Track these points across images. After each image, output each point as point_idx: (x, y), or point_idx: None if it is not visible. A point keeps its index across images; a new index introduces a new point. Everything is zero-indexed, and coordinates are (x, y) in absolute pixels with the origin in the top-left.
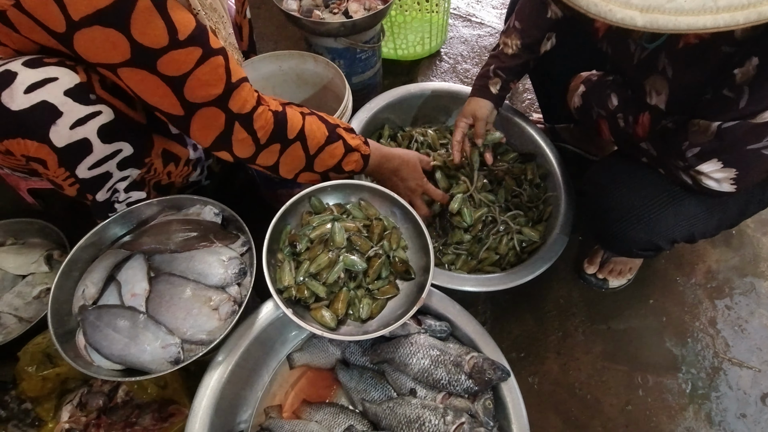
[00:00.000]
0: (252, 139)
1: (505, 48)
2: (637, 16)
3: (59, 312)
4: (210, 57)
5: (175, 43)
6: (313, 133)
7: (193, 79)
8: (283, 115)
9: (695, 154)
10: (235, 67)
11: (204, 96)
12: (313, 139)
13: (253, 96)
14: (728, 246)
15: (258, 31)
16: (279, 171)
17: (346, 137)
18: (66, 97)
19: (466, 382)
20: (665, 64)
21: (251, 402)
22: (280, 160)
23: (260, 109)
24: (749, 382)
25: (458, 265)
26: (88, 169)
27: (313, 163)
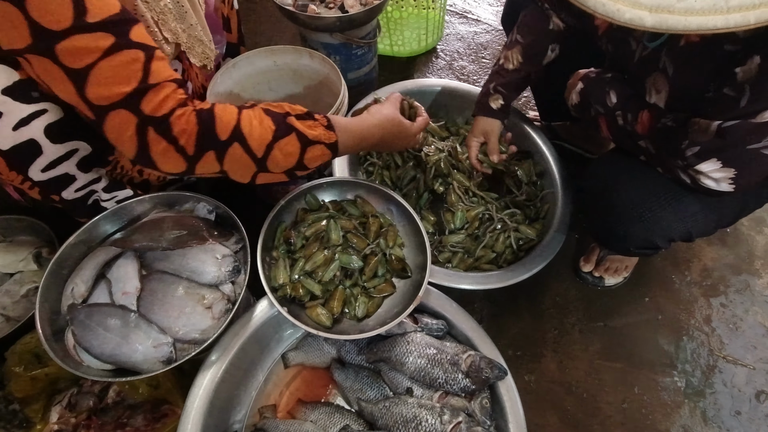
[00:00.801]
0: (175, 149)
1: (506, 63)
2: (646, 16)
3: (48, 311)
4: (124, 49)
5: (81, 26)
6: (254, 130)
7: (96, 73)
8: (209, 113)
9: (695, 153)
10: (160, 68)
11: (109, 96)
12: (254, 138)
13: (177, 98)
14: (723, 244)
15: (253, 27)
16: (231, 177)
17: (301, 128)
18: (5, 96)
19: (463, 381)
20: (666, 62)
21: (245, 402)
22: (225, 169)
23: (181, 110)
24: (744, 380)
25: (455, 263)
26: (42, 171)
27: (265, 165)
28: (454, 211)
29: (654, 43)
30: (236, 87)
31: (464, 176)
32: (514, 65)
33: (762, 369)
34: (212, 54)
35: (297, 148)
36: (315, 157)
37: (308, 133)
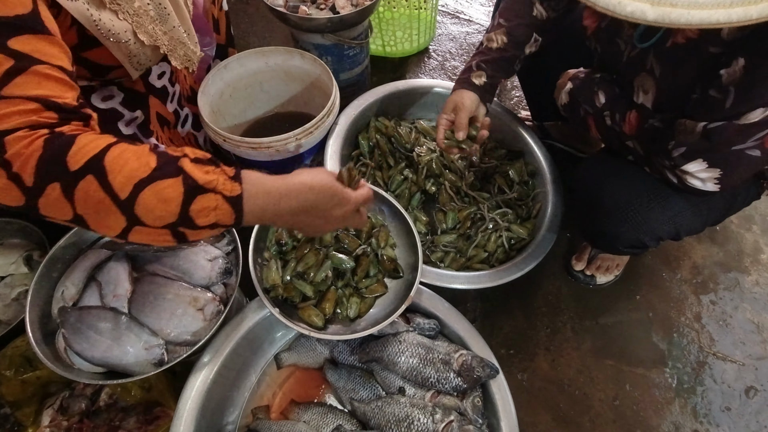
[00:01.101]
0: (7, 176)
1: (490, 43)
2: (648, 9)
3: (38, 314)
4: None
5: None
6: (124, 165)
7: None
8: (67, 139)
9: (681, 153)
10: (27, 84)
11: None
12: (120, 173)
13: (27, 119)
14: (713, 242)
15: (245, 28)
16: (92, 228)
17: (192, 170)
18: None
19: (455, 380)
20: (653, 63)
21: (238, 403)
22: (79, 212)
23: (25, 132)
24: (733, 376)
25: (447, 263)
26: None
27: (133, 212)
28: (446, 211)
29: (645, 44)
30: (227, 88)
31: (456, 176)
32: (499, 44)
33: (751, 365)
34: (195, 57)
35: (179, 193)
36: (205, 211)
37: (198, 177)
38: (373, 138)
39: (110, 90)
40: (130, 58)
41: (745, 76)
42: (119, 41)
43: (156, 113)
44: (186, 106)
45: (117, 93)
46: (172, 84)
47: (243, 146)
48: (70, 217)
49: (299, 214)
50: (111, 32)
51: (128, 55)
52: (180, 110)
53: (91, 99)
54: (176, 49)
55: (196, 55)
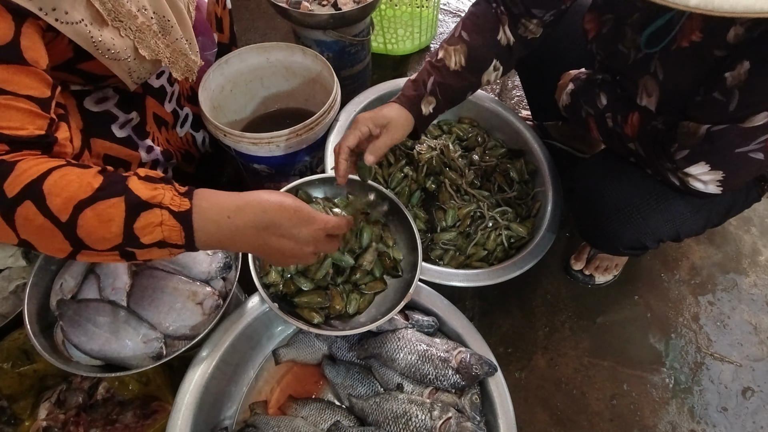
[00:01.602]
0: None
1: (447, 60)
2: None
3: (36, 307)
4: None
5: None
6: (64, 187)
7: None
8: (6, 167)
9: (684, 156)
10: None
11: None
12: (58, 196)
13: None
14: (711, 243)
15: (246, 24)
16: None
17: (137, 187)
18: None
19: (453, 377)
20: (657, 66)
21: (236, 398)
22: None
23: None
24: (730, 377)
25: (446, 261)
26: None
27: (76, 234)
28: (446, 209)
29: (653, 49)
30: (228, 84)
31: (456, 174)
32: (455, 66)
33: (748, 366)
34: (195, 66)
35: (121, 212)
36: (150, 227)
37: (143, 193)
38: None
39: (105, 92)
40: (130, 74)
41: (749, 80)
42: (118, 59)
43: (153, 114)
44: (186, 106)
45: (112, 95)
46: (170, 83)
47: (244, 141)
48: (16, 242)
49: (260, 232)
50: (111, 51)
51: (128, 72)
52: (179, 110)
53: (84, 102)
54: (178, 60)
55: (197, 64)
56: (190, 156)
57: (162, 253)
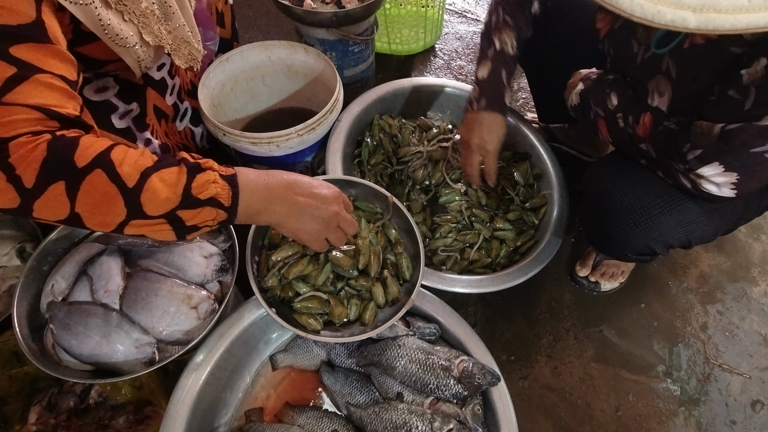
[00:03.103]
0: (6, 179)
1: (505, 47)
2: (689, 16)
3: (27, 308)
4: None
5: None
6: (129, 157)
7: None
8: (70, 140)
9: (696, 156)
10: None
11: None
12: (127, 164)
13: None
14: (720, 251)
15: (248, 21)
16: (85, 224)
17: (190, 157)
18: None
19: (455, 387)
20: (669, 65)
21: (231, 404)
22: (77, 210)
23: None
24: (739, 389)
25: (449, 266)
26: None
27: (138, 200)
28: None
29: (664, 50)
30: (229, 81)
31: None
32: (513, 51)
33: (758, 378)
34: (199, 55)
35: (183, 174)
36: (206, 184)
37: (199, 161)
38: (376, 136)
39: (105, 81)
40: (139, 63)
41: (766, 77)
42: (126, 46)
43: (153, 106)
44: (186, 100)
45: (112, 85)
46: (171, 76)
47: (243, 140)
48: (65, 215)
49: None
50: (119, 37)
51: (137, 60)
52: (180, 103)
53: (83, 91)
54: (180, 48)
55: (200, 53)
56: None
57: (210, 213)
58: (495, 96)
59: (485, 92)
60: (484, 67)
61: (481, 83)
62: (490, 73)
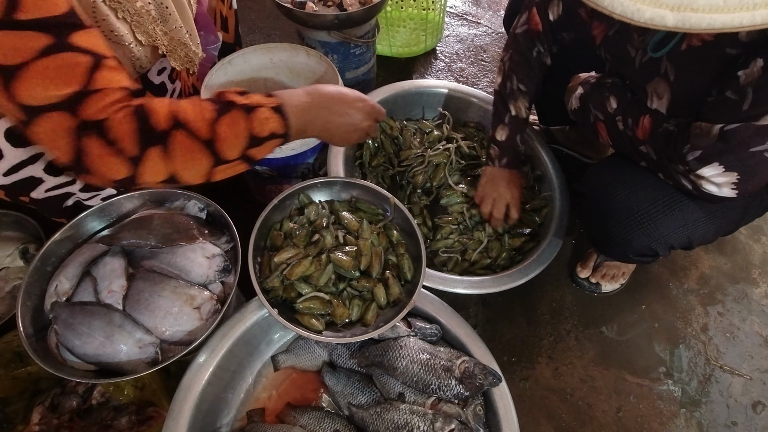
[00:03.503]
0: (115, 152)
1: (519, 114)
2: (667, 14)
3: (31, 309)
4: (64, 51)
5: (9, 22)
6: (191, 113)
7: (28, 72)
8: (141, 108)
9: (696, 157)
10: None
11: (44, 96)
12: (195, 120)
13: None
14: (721, 252)
15: (250, 24)
16: (181, 179)
17: (238, 99)
18: None
19: (456, 387)
20: (667, 68)
21: (233, 405)
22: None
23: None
24: (740, 390)
25: (450, 267)
26: (4, 176)
27: (216, 149)
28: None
29: (659, 53)
30: (230, 84)
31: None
32: (525, 114)
33: (759, 379)
34: (196, 58)
35: (243, 118)
36: (263, 124)
37: (249, 101)
38: (378, 138)
39: None
40: (133, 62)
41: (763, 77)
42: (121, 43)
43: None
44: None
45: None
46: (171, 81)
47: None
48: (164, 177)
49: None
50: (114, 33)
51: (131, 60)
52: None
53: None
54: (176, 49)
55: (198, 56)
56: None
57: (272, 144)
58: (514, 156)
59: (505, 153)
60: (502, 130)
61: (500, 144)
62: (508, 137)
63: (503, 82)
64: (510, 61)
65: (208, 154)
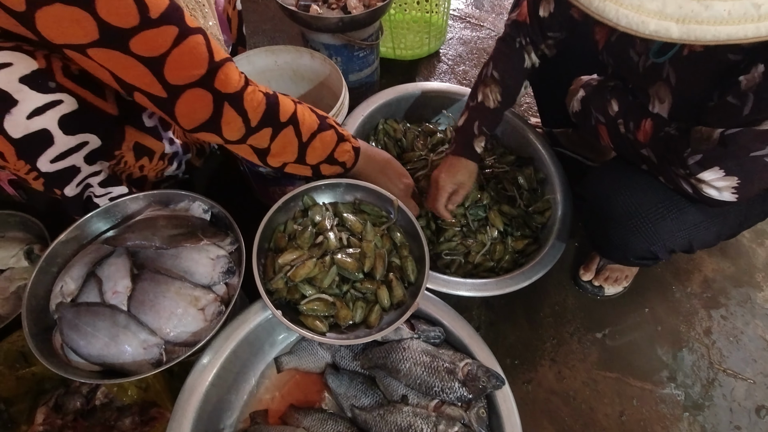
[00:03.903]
0: (242, 120)
1: (486, 101)
2: (672, 27)
3: (36, 309)
4: (188, 36)
5: (147, 22)
6: (305, 119)
7: (172, 60)
8: (275, 98)
9: (697, 161)
10: (217, 46)
11: (187, 77)
12: (305, 124)
13: (240, 76)
14: (724, 255)
15: (254, 27)
16: (267, 158)
17: (337, 127)
18: (21, 84)
19: (459, 390)
20: (669, 73)
21: (236, 406)
22: (271, 146)
23: (249, 88)
24: (743, 394)
25: (453, 269)
26: (51, 162)
27: (305, 151)
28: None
29: (661, 59)
30: None
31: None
32: (494, 104)
33: (762, 383)
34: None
35: (334, 141)
36: (343, 153)
37: (342, 132)
38: (381, 141)
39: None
40: None
41: (764, 83)
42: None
43: None
44: None
45: None
46: None
47: None
48: (264, 147)
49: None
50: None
51: None
52: None
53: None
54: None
55: (227, 51)
56: (202, 150)
57: (338, 169)
58: (464, 142)
59: (457, 138)
60: (462, 116)
61: (457, 130)
62: (465, 121)
63: (481, 70)
64: (494, 49)
65: (298, 150)
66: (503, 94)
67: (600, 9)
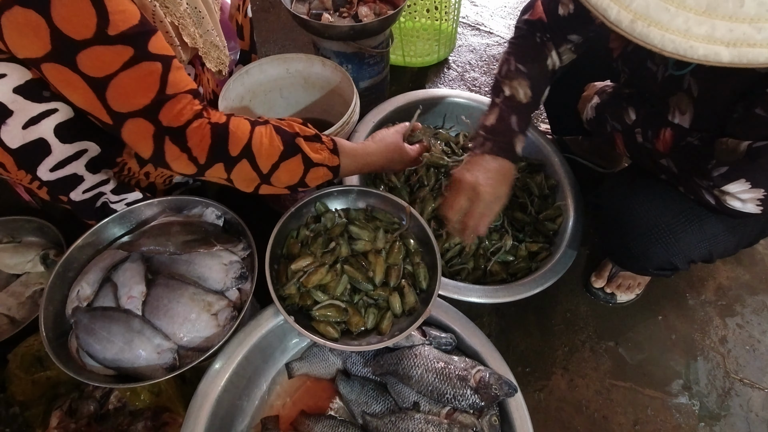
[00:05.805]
0: (188, 157)
1: (517, 95)
2: (722, 51)
3: (52, 313)
4: (143, 61)
5: (102, 38)
6: (263, 149)
7: (116, 84)
8: (224, 128)
9: (722, 173)
10: (177, 79)
11: (129, 105)
12: (263, 156)
13: (193, 110)
14: (739, 263)
15: (266, 35)
16: (236, 186)
17: (307, 150)
18: (16, 95)
19: (471, 397)
20: (690, 83)
21: (248, 412)
22: (231, 178)
23: (197, 122)
24: (760, 404)
25: (463, 276)
26: (50, 171)
27: (269, 180)
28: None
29: (683, 71)
30: (248, 94)
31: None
32: (526, 99)
33: None
34: (227, 59)
35: (300, 169)
36: (316, 178)
37: (313, 157)
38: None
39: None
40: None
41: None
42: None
43: None
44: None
45: None
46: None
47: None
48: (224, 178)
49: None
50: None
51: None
52: None
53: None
54: (210, 51)
55: (228, 58)
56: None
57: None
58: (503, 140)
59: (491, 137)
60: (491, 114)
61: (487, 129)
62: (498, 119)
63: (499, 69)
64: (509, 45)
65: (260, 180)
66: (532, 88)
67: (644, 35)
